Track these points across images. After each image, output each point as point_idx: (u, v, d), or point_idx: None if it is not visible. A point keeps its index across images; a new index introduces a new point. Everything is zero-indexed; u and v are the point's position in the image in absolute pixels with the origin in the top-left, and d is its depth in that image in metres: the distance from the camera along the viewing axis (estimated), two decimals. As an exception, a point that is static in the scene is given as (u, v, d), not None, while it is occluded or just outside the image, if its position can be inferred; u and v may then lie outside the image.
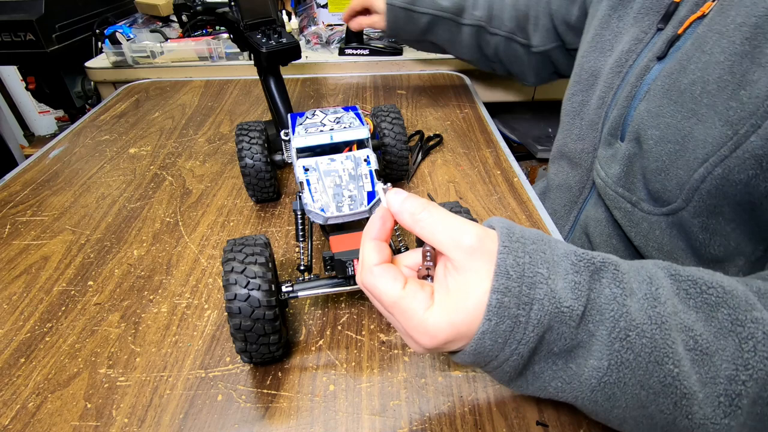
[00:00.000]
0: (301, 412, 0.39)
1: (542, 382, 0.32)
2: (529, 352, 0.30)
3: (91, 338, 0.46)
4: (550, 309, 0.29)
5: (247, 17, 0.65)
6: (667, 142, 0.45)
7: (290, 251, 0.57)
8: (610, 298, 0.30)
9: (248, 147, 0.59)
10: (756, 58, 0.39)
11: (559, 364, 0.31)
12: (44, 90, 1.28)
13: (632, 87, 0.51)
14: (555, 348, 0.30)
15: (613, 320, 0.29)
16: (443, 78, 1.07)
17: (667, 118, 0.45)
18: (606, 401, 0.31)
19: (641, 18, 0.53)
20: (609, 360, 0.29)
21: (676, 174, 0.44)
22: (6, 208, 0.66)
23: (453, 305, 0.29)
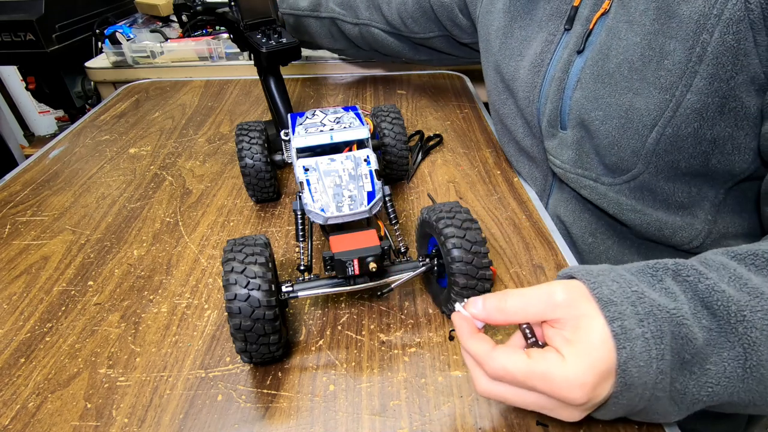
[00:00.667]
0: (301, 412, 0.39)
1: (693, 395, 0.32)
2: (668, 366, 0.30)
3: (91, 338, 0.46)
4: (661, 316, 0.30)
5: (247, 17, 0.65)
6: (612, 118, 0.50)
7: (290, 251, 0.57)
8: (709, 289, 0.32)
9: (248, 147, 0.59)
10: (666, 33, 0.45)
11: (697, 371, 0.31)
12: (44, 90, 1.28)
13: (560, 81, 0.55)
14: (686, 355, 0.31)
15: (724, 308, 0.31)
16: (443, 78, 1.07)
17: (606, 98, 0.50)
18: (758, 384, 0.31)
19: (546, 23, 0.59)
20: (741, 345, 0.31)
21: (629, 144, 0.49)
22: (6, 208, 0.66)
23: (583, 349, 0.30)
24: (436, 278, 0.47)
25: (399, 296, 0.50)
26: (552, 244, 0.57)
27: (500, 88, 0.68)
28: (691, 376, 0.31)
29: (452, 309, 0.44)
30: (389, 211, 0.49)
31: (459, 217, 0.43)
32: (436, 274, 0.46)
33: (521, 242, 0.57)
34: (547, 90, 0.58)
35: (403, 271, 0.45)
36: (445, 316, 0.47)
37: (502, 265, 0.54)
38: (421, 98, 0.96)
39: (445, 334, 0.46)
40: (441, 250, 0.43)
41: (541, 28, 0.60)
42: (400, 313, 0.48)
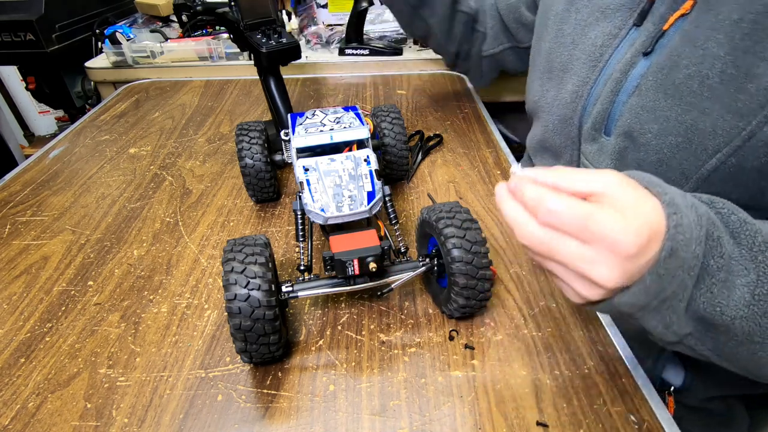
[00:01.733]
0: (301, 412, 0.39)
1: (700, 309, 0.34)
2: (702, 254, 0.32)
3: (91, 338, 0.46)
4: (703, 211, 0.33)
5: (247, 17, 0.65)
6: (668, 135, 0.45)
7: (290, 251, 0.57)
8: (739, 222, 0.34)
9: (248, 147, 0.59)
10: (759, 53, 0.40)
11: (715, 290, 0.33)
12: (44, 90, 1.28)
13: (616, 82, 0.51)
14: (712, 263, 0.33)
15: (750, 238, 0.34)
16: (443, 78, 1.07)
17: (665, 112, 0.46)
18: (763, 316, 0.33)
19: (611, 13, 0.53)
20: (756, 272, 0.33)
21: (681, 166, 0.45)
22: (6, 208, 0.66)
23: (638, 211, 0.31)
24: (436, 278, 0.47)
25: (399, 296, 0.50)
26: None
27: (545, 77, 0.63)
28: (707, 287, 0.33)
29: (452, 309, 0.44)
30: (389, 211, 0.49)
31: (459, 217, 0.43)
32: (436, 274, 0.46)
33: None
34: (599, 90, 0.53)
35: (403, 271, 0.45)
36: (445, 316, 0.47)
37: (502, 265, 0.54)
38: (421, 98, 0.96)
39: (445, 334, 0.46)
40: (441, 250, 0.43)
41: (606, 17, 0.54)
42: (400, 313, 0.48)
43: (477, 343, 0.45)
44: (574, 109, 0.57)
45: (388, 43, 1.17)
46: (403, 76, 1.08)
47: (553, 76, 0.61)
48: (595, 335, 0.45)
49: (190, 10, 0.85)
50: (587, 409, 0.39)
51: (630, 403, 0.40)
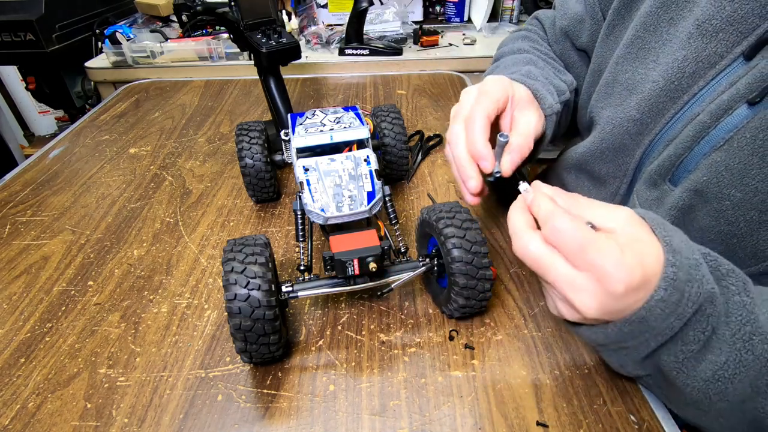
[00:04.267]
0: (301, 412, 0.39)
1: (661, 362, 0.34)
2: (679, 328, 0.32)
3: (91, 338, 0.46)
4: (707, 289, 0.31)
5: (247, 17, 0.65)
6: (751, 208, 0.37)
7: (290, 251, 0.57)
8: (740, 304, 0.32)
9: (248, 147, 0.59)
10: None
11: (685, 351, 0.33)
12: (44, 90, 1.28)
13: (702, 127, 0.40)
14: (691, 335, 0.32)
15: (740, 324, 0.32)
16: (443, 78, 1.07)
17: (755, 181, 0.37)
18: (715, 394, 0.33)
19: (711, 33, 0.40)
20: (727, 356, 0.32)
21: (755, 245, 0.38)
22: (6, 208, 0.66)
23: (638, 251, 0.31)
24: (436, 278, 0.47)
25: (399, 296, 0.50)
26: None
27: (603, 90, 0.53)
28: (675, 354, 0.33)
29: (452, 309, 0.44)
30: (389, 211, 0.49)
31: (459, 217, 0.43)
32: (436, 274, 0.46)
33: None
34: (678, 129, 0.43)
35: (403, 271, 0.45)
36: (445, 316, 0.47)
37: (502, 265, 0.54)
38: (421, 98, 0.96)
39: (445, 334, 0.46)
40: (441, 250, 0.43)
41: (703, 35, 0.41)
42: (400, 313, 0.48)
43: (477, 343, 0.45)
44: (637, 141, 0.48)
45: (388, 43, 1.17)
46: (403, 76, 1.08)
47: (614, 93, 0.51)
48: (595, 335, 0.45)
49: (190, 10, 0.85)
50: (587, 409, 0.39)
51: (630, 403, 0.40)
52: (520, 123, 0.47)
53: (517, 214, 0.36)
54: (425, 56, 1.15)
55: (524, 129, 0.47)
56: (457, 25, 1.42)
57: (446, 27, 1.39)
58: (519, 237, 0.35)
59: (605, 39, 0.55)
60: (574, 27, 0.62)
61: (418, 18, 1.42)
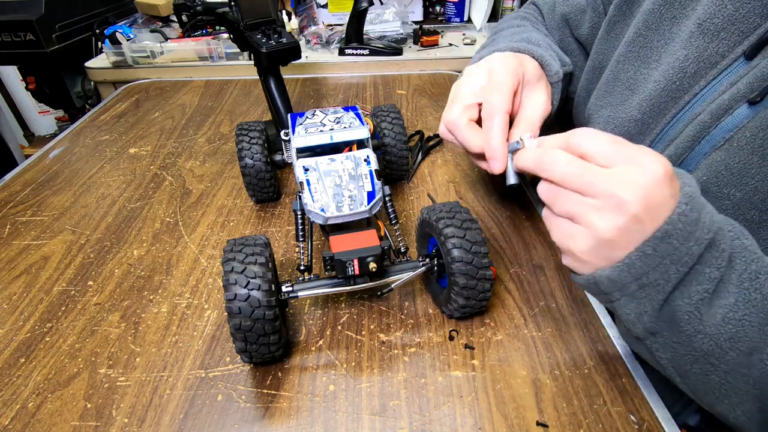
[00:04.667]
0: (301, 412, 0.39)
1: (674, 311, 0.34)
2: (698, 255, 0.32)
3: (91, 338, 0.46)
4: (717, 220, 0.32)
5: (247, 17, 0.65)
6: (752, 208, 0.37)
7: (290, 251, 0.57)
8: (741, 247, 0.33)
9: (248, 147, 0.59)
10: None
11: (695, 296, 0.33)
12: (44, 90, 1.28)
13: (702, 127, 0.40)
14: (707, 271, 0.32)
15: (745, 263, 0.32)
16: (443, 78, 1.07)
17: (755, 181, 0.37)
18: (726, 341, 0.32)
19: (712, 32, 0.40)
20: (736, 297, 0.32)
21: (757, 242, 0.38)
22: (6, 208, 0.66)
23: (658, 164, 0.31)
24: (436, 278, 0.47)
25: (399, 296, 0.50)
26: (553, 243, 0.57)
27: (603, 89, 0.53)
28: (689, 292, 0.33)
29: (452, 309, 0.44)
30: (389, 211, 0.49)
31: (459, 217, 0.43)
32: (436, 274, 0.46)
33: (521, 242, 0.57)
34: (678, 129, 0.43)
35: (403, 271, 0.45)
36: (445, 316, 0.47)
37: (502, 265, 0.54)
38: (421, 98, 0.96)
39: (445, 334, 0.46)
40: (441, 250, 0.43)
41: (705, 34, 0.41)
42: (400, 313, 0.48)
43: (477, 343, 0.45)
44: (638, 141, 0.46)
45: (388, 43, 1.17)
46: (403, 76, 1.08)
47: (615, 92, 0.51)
48: (595, 335, 0.45)
49: (190, 10, 0.85)
50: (587, 409, 0.39)
51: (630, 403, 0.40)
52: (527, 108, 0.47)
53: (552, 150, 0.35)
54: (425, 56, 1.15)
55: (531, 114, 0.46)
56: (457, 25, 1.42)
57: (446, 27, 1.39)
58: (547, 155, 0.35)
59: (606, 36, 0.54)
60: (575, 15, 0.62)
61: (418, 18, 1.42)
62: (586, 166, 0.33)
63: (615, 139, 0.32)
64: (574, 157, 0.33)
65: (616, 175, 0.31)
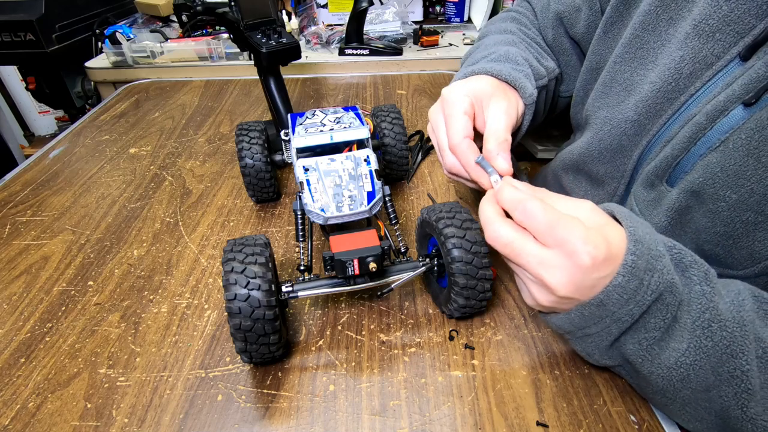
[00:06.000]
0: (301, 412, 0.39)
1: (625, 351, 0.36)
2: (639, 315, 0.33)
3: (91, 338, 0.46)
4: (667, 279, 0.33)
5: (247, 17, 0.65)
6: (747, 209, 0.37)
7: (290, 251, 0.57)
8: (699, 293, 0.34)
9: (248, 147, 0.59)
10: None
11: (647, 338, 0.34)
12: (44, 90, 1.28)
13: (698, 128, 0.40)
14: (652, 322, 0.34)
15: (700, 311, 0.33)
16: (443, 78, 1.07)
17: (750, 182, 0.36)
18: (679, 381, 0.34)
19: (708, 33, 0.40)
20: (688, 343, 0.33)
21: (751, 245, 0.38)
22: (6, 208, 0.66)
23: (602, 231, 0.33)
24: (436, 278, 0.47)
25: (399, 296, 0.50)
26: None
27: (600, 90, 0.52)
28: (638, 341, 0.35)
29: (452, 309, 0.44)
30: (389, 211, 0.49)
31: (459, 217, 0.43)
32: (436, 274, 0.46)
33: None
34: (675, 130, 0.43)
35: (403, 271, 0.45)
36: (445, 316, 0.47)
37: (502, 265, 0.54)
38: (421, 98, 0.96)
39: (445, 334, 0.46)
40: (441, 250, 0.43)
41: (700, 35, 0.41)
42: (400, 313, 0.48)
43: (477, 343, 0.45)
44: (635, 142, 0.48)
45: (388, 43, 1.17)
46: (403, 76, 1.08)
47: (611, 93, 0.51)
48: (595, 335, 0.45)
49: (190, 10, 0.85)
50: (587, 409, 0.39)
51: (630, 403, 0.40)
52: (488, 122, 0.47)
53: (488, 205, 0.38)
54: (425, 56, 1.15)
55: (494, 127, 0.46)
56: (457, 25, 1.42)
57: (446, 27, 1.39)
58: (490, 224, 0.37)
59: (603, 36, 0.54)
60: (570, 14, 0.61)
61: (418, 18, 1.42)
62: (520, 250, 0.35)
63: (550, 222, 0.33)
64: (510, 238, 0.35)
65: (543, 263, 0.34)
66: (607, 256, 0.32)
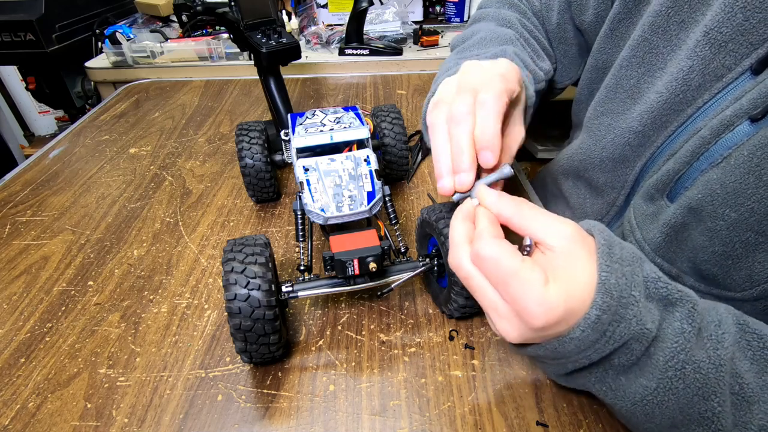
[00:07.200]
0: (301, 412, 0.39)
1: (586, 382, 0.35)
2: (598, 359, 0.32)
3: (91, 338, 0.46)
4: (634, 329, 0.30)
5: (247, 17, 0.65)
6: (747, 230, 0.35)
7: (290, 251, 0.57)
8: (678, 331, 0.31)
9: (248, 147, 0.59)
10: None
11: (610, 374, 0.33)
12: (44, 90, 1.28)
13: (702, 143, 0.39)
14: (616, 361, 0.32)
15: (674, 352, 0.30)
16: (443, 78, 1.06)
17: (751, 202, 0.34)
18: (643, 416, 0.32)
19: (720, 43, 0.38)
20: (658, 383, 0.31)
21: (751, 267, 0.36)
22: (6, 208, 0.66)
23: (567, 282, 0.30)
24: (436, 278, 0.47)
25: (399, 296, 0.50)
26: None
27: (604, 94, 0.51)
28: (602, 374, 0.33)
29: (452, 309, 0.44)
30: (389, 211, 0.49)
31: (459, 217, 0.43)
32: (436, 274, 0.46)
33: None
34: (680, 143, 0.41)
35: (403, 271, 0.45)
36: (445, 316, 0.47)
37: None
38: (421, 98, 0.96)
39: (445, 334, 0.46)
40: (441, 250, 0.43)
41: (712, 45, 0.39)
42: (400, 313, 0.48)
43: (477, 343, 0.45)
44: (638, 153, 0.46)
45: (388, 43, 1.17)
46: (403, 76, 1.08)
47: (616, 99, 0.49)
48: (595, 335, 0.45)
49: (190, 10, 0.85)
50: (587, 409, 0.39)
51: (630, 403, 0.40)
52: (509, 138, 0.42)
53: (458, 223, 0.35)
54: (425, 56, 1.15)
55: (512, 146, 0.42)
56: (457, 25, 1.42)
57: (446, 27, 1.39)
58: (455, 249, 0.34)
59: (610, 34, 0.52)
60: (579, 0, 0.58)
61: (418, 18, 1.42)
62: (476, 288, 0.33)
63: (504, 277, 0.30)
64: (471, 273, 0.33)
65: (497, 311, 0.32)
66: (564, 316, 0.29)
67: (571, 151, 0.58)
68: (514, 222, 0.33)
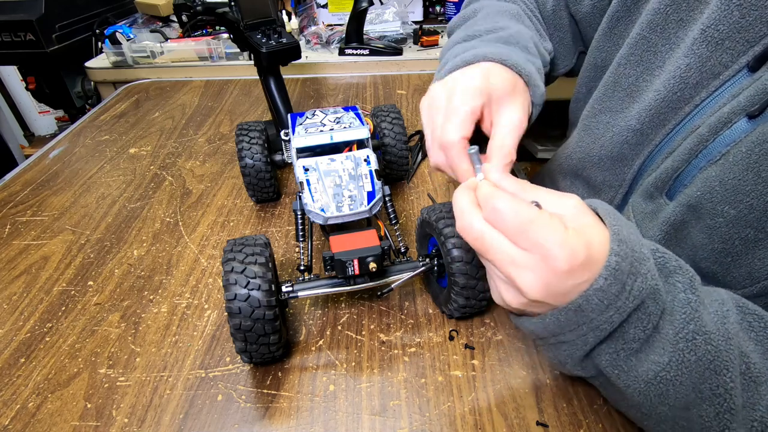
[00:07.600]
0: (301, 412, 0.39)
1: (600, 362, 0.34)
2: (618, 323, 0.31)
3: (91, 338, 0.46)
4: (650, 284, 0.30)
5: (247, 17, 0.65)
6: (746, 226, 0.35)
7: (290, 251, 0.57)
8: (684, 302, 0.31)
9: (248, 147, 0.59)
10: None
11: (622, 355, 0.32)
12: (44, 90, 1.28)
13: (700, 140, 0.39)
14: (631, 332, 0.31)
15: (684, 322, 0.30)
16: (443, 78, 1.06)
17: (750, 198, 0.35)
18: (656, 397, 0.32)
19: (716, 40, 0.38)
20: (670, 357, 0.30)
21: (751, 264, 0.36)
22: (6, 208, 0.66)
23: (584, 232, 0.30)
24: (436, 278, 0.47)
25: (399, 296, 0.50)
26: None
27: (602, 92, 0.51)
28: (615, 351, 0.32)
29: (452, 309, 0.44)
30: (389, 211, 0.49)
31: (459, 217, 0.43)
32: (436, 274, 0.46)
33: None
34: (678, 141, 0.42)
35: (403, 271, 0.45)
36: (445, 316, 0.47)
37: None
38: (420, 98, 0.96)
39: (445, 334, 0.46)
40: (441, 250, 0.43)
41: (709, 43, 0.39)
42: (400, 313, 0.48)
43: (477, 343, 0.45)
44: (636, 152, 0.46)
45: (388, 43, 1.17)
46: (403, 76, 1.08)
47: (614, 97, 0.49)
48: (595, 335, 0.45)
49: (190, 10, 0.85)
50: (587, 409, 0.39)
51: (630, 403, 0.40)
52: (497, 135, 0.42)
53: (462, 193, 0.35)
54: (425, 56, 1.15)
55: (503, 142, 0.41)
56: (457, 25, 1.42)
57: (446, 27, 1.39)
58: (462, 214, 0.33)
59: (608, 33, 0.51)
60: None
61: (418, 18, 1.42)
62: (490, 245, 0.32)
63: (521, 224, 0.30)
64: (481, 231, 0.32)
65: (515, 263, 0.31)
66: (586, 260, 0.29)
67: (569, 150, 0.58)
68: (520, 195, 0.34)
